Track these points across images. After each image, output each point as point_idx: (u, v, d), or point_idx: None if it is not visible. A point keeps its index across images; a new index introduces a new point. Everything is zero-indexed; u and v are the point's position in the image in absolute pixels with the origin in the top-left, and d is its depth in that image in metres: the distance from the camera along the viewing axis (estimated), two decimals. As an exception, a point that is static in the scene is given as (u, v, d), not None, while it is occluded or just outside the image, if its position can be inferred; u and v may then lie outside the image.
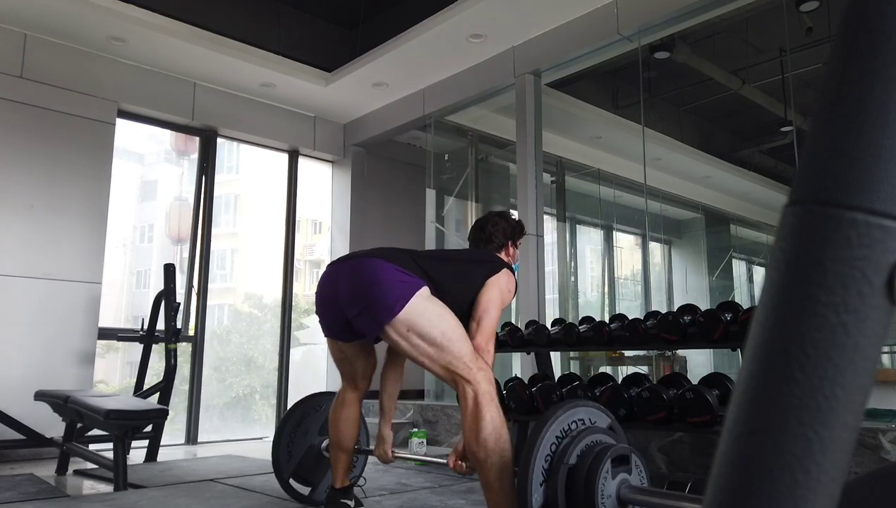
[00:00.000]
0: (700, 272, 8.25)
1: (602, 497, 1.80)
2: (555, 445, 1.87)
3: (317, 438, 2.90)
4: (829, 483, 0.34)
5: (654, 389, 2.97)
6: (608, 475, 1.82)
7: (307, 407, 2.97)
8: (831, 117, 0.35)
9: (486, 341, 2.17)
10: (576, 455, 1.85)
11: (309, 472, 2.89)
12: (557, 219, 6.62)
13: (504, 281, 2.31)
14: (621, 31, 4.42)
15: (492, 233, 2.56)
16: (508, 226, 2.59)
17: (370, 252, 2.19)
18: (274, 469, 2.88)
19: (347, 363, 2.43)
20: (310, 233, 6.87)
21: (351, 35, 6.28)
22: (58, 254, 4.72)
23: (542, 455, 1.84)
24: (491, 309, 2.22)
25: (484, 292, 2.25)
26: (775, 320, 0.35)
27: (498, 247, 2.56)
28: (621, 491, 1.85)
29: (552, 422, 1.88)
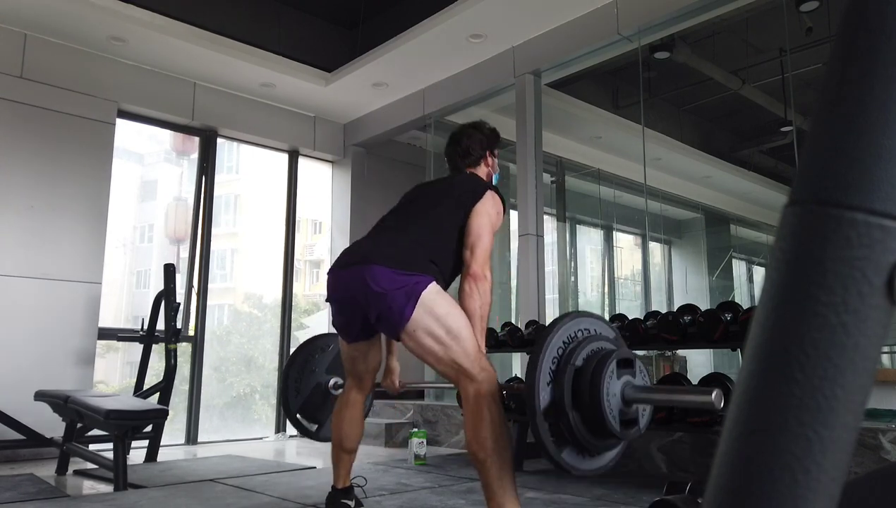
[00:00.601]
0: (700, 272, 8.25)
1: (607, 395, 1.85)
2: (561, 349, 1.93)
3: (324, 377, 2.97)
4: (829, 483, 0.34)
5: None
6: (613, 375, 1.88)
7: (315, 346, 3.02)
8: (831, 117, 0.35)
9: (482, 267, 2.16)
10: (582, 358, 1.91)
11: (316, 409, 2.96)
12: (557, 219, 6.62)
13: (490, 205, 2.26)
14: (621, 31, 4.42)
15: (468, 146, 2.50)
16: (484, 137, 2.53)
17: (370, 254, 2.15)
18: (283, 405, 2.96)
19: (361, 360, 2.41)
20: (310, 233, 6.87)
21: (351, 35, 6.28)
22: (58, 254, 4.72)
23: (549, 358, 1.89)
24: (483, 235, 2.19)
25: (473, 220, 2.21)
26: (775, 320, 0.35)
27: (476, 159, 2.50)
28: (626, 391, 1.90)
29: (559, 328, 1.93)
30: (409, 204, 2.39)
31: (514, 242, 5.21)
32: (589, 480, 3.27)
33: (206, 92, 5.63)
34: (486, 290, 2.14)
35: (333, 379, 2.97)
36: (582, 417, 1.87)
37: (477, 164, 2.50)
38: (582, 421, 1.87)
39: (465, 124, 2.60)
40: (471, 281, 2.14)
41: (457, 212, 2.24)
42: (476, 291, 2.13)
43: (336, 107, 6.17)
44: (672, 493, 2.11)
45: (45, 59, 4.82)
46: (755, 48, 6.14)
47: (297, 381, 2.95)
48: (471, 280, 2.14)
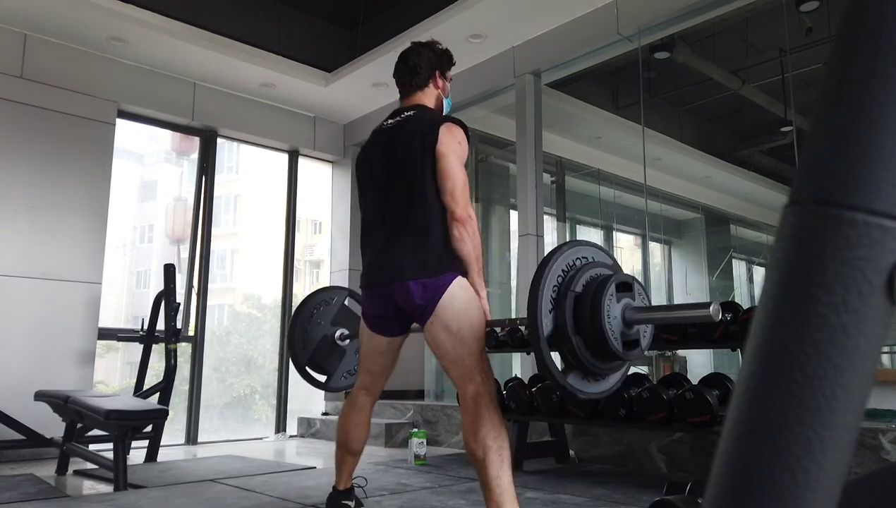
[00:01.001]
0: (700, 272, 8.25)
1: (608, 318, 1.88)
2: (561, 278, 1.95)
3: (330, 328, 3.00)
4: (829, 483, 0.34)
5: (654, 389, 2.97)
6: (613, 298, 1.90)
7: (318, 299, 3.04)
8: (831, 117, 0.35)
9: (465, 207, 2.15)
10: (581, 285, 1.93)
11: (324, 360, 2.97)
12: (557, 219, 6.62)
13: (450, 139, 2.18)
14: (621, 31, 4.42)
15: (417, 64, 2.36)
16: (434, 55, 2.39)
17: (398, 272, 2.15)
18: (291, 359, 2.98)
19: (383, 357, 2.39)
20: (310, 233, 6.87)
21: (351, 35, 6.28)
22: (58, 254, 4.72)
23: (550, 286, 1.92)
24: (455, 175, 2.16)
25: (440, 164, 2.15)
26: (775, 320, 0.35)
27: (424, 79, 2.37)
28: (626, 313, 1.93)
29: (558, 257, 1.96)
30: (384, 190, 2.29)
31: (514, 242, 5.21)
32: (589, 480, 3.27)
33: (206, 92, 5.63)
34: (475, 230, 2.17)
35: (340, 330, 2.98)
36: (585, 341, 1.90)
37: (425, 84, 2.38)
38: (585, 345, 1.90)
39: (416, 42, 2.47)
40: (458, 226, 2.14)
41: (422, 165, 2.17)
42: (465, 233, 2.14)
43: (336, 107, 6.17)
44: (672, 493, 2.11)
45: (45, 59, 4.82)
46: (755, 48, 6.14)
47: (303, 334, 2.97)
48: (458, 225, 2.14)
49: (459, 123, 2.26)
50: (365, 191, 2.40)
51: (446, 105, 2.46)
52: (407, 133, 2.24)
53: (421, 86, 2.38)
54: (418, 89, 2.39)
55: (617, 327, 1.90)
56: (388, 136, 2.31)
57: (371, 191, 2.36)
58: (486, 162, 6.34)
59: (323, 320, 2.99)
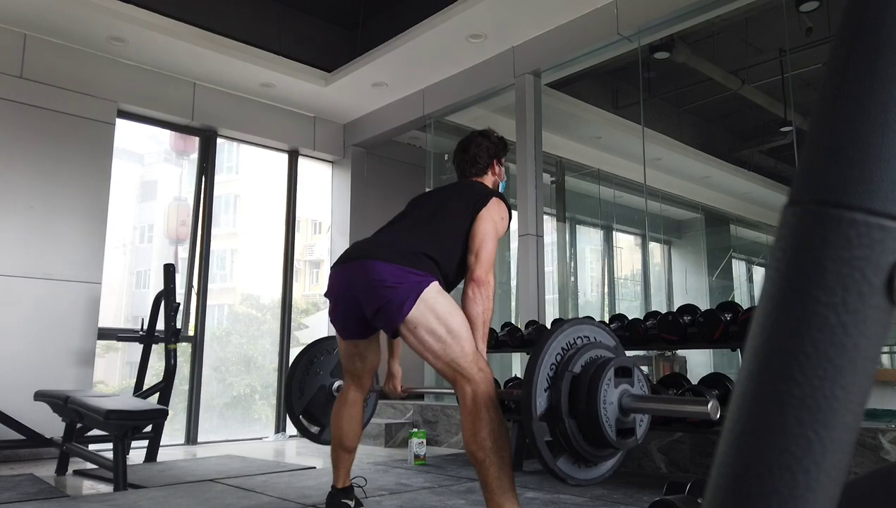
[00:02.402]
0: (700, 272, 8.25)
1: (604, 403, 1.85)
2: (560, 355, 1.92)
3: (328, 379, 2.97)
4: (829, 483, 0.34)
5: (653, 389, 2.97)
6: (610, 383, 1.87)
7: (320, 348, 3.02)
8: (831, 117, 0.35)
9: (486, 272, 2.17)
10: (580, 365, 1.90)
11: (319, 411, 2.96)
12: (557, 219, 6.62)
13: (495, 211, 2.28)
14: (621, 31, 4.42)
15: (476, 154, 2.52)
16: (491, 145, 2.55)
17: (371, 250, 2.17)
18: (286, 406, 2.96)
19: (359, 358, 2.42)
20: (310, 233, 6.87)
21: (351, 35, 6.28)
22: (58, 254, 4.72)
23: (548, 364, 1.89)
24: (487, 241, 2.21)
25: (478, 226, 2.23)
26: (775, 320, 0.35)
27: (483, 167, 2.52)
28: (623, 400, 1.89)
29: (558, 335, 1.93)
30: (415, 208, 2.41)
31: (514, 242, 5.21)
32: (589, 480, 3.27)
33: (206, 92, 5.63)
34: (489, 296, 2.16)
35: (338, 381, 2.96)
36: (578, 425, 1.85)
37: (484, 173, 2.53)
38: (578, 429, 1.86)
39: (473, 132, 2.62)
40: (474, 287, 2.15)
41: (462, 216, 2.26)
42: (479, 296, 2.14)
43: (336, 107, 6.17)
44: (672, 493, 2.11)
45: (45, 59, 4.82)
46: (755, 48, 6.14)
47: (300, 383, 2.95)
48: (474, 285, 2.15)
49: (508, 205, 2.38)
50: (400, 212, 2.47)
51: (501, 187, 2.59)
52: (462, 189, 2.41)
53: (480, 175, 2.53)
54: (477, 176, 2.53)
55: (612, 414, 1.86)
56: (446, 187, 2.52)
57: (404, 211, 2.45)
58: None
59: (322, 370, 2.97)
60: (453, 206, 2.31)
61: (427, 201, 2.43)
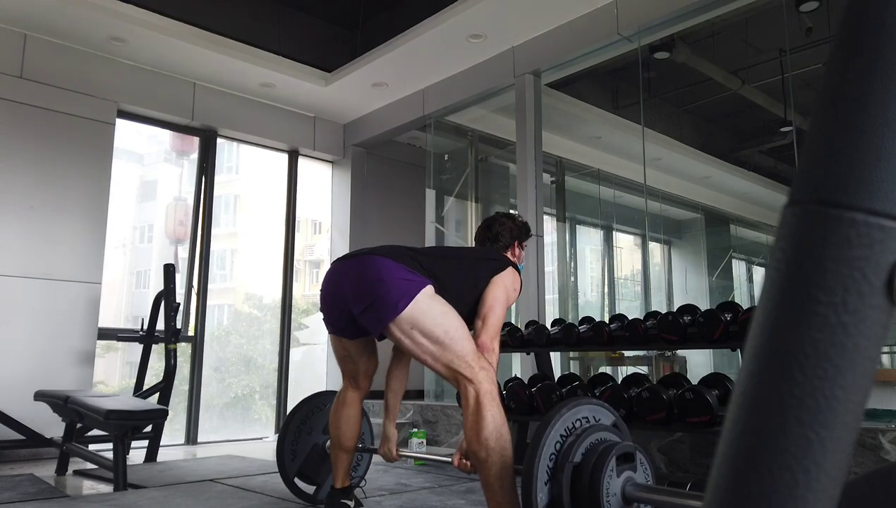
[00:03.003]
0: (700, 272, 8.25)
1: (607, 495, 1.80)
2: (559, 444, 1.87)
3: (321, 437, 2.91)
4: (829, 483, 0.34)
5: (654, 389, 2.97)
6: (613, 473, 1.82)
7: (311, 405, 2.97)
8: (831, 117, 0.35)
9: (492, 339, 2.17)
10: (580, 454, 1.84)
11: (313, 471, 2.90)
12: (557, 220, 6.62)
13: (510, 280, 2.31)
14: (621, 31, 4.42)
15: (499, 232, 2.59)
16: (515, 227, 2.62)
17: (374, 250, 2.18)
18: (279, 469, 2.89)
19: (350, 361, 2.43)
20: (310, 233, 6.87)
21: (351, 35, 6.28)
22: (58, 254, 4.72)
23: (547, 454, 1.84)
24: (497, 307, 2.22)
25: (489, 290, 2.25)
26: (775, 320, 0.35)
27: (504, 247, 2.58)
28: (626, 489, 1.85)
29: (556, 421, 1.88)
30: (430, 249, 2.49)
31: (513, 242, 5.20)
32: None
33: (206, 92, 5.63)
34: (494, 363, 2.14)
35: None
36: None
37: (504, 252, 2.58)
38: None
39: (499, 212, 2.73)
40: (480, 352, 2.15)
41: (478, 271, 2.28)
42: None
43: (336, 107, 6.17)
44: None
45: (45, 59, 4.82)
46: (755, 48, 6.14)
47: (293, 444, 2.90)
48: (479, 350, 2.14)
49: (521, 281, 2.42)
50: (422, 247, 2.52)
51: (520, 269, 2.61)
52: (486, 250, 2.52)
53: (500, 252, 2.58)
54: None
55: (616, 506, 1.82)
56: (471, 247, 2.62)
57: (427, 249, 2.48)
58: (485, 162, 6.34)
59: (314, 428, 2.93)
60: (473, 259, 2.36)
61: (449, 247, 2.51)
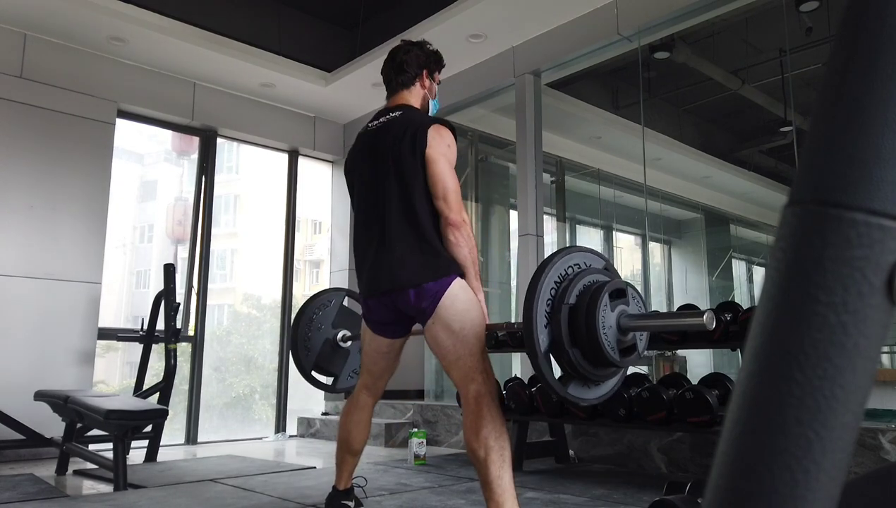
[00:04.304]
0: (700, 272, 8.24)
1: (603, 328, 1.88)
2: (554, 289, 1.95)
3: (331, 331, 3.01)
4: (829, 483, 0.34)
5: (654, 389, 2.97)
6: (607, 307, 1.91)
7: (316, 303, 3.06)
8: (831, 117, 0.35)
9: (458, 212, 2.13)
10: (574, 296, 1.93)
11: (329, 363, 2.99)
12: (557, 219, 6.62)
13: (439, 142, 2.15)
14: (621, 31, 4.42)
15: (403, 61, 2.37)
16: (422, 53, 2.40)
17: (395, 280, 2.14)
18: (296, 365, 2.99)
19: (384, 359, 2.39)
20: (310, 233, 6.87)
21: (351, 35, 6.28)
22: (58, 254, 4.72)
23: (544, 300, 1.92)
24: (447, 179, 2.13)
25: (431, 168, 2.13)
26: (775, 320, 0.35)
27: (411, 77, 2.37)
28: (621, 321, 1.93)
29: (549, 269, 1.95)
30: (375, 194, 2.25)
31: (514, 242, 5.21)
32: (589, 480, 3.27)
33: (206, 92, 5.63)
34: (469, 234, 2.15)
35: (341, 331, 3.01)
36: (582, 352, 1.91)
37: (411, 83, 2.38)
38: (582, 356, 1.91)
39: (405, 40, 2.49)
40: (453, 231, 2.13)
41: (417, 174, 2.16)
42: (461, 238, 2.13)
43: (336, 107, 6.17)
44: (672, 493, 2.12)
45: (45, 59, 4.82)
46: (755, 48, 6.14)
47: (305, 340, 2.98)
48: (453, 229, 2.13)
49: (447, 125, 2.24)
50: (355, 196, 2.38)
51: (433, 106, 2.44)
52: (394, 136, 2.21)
53: (407, 85, 2.38)
54: (404, 88, 2.38)
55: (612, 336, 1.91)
56: (374, 140, 2.29)
57: (361, 196, 2.33)
58: (485, 162, 6.34)
59: (323, 324, 3.00)
60: (399, 165, 2.17)
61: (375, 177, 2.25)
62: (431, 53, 2.44)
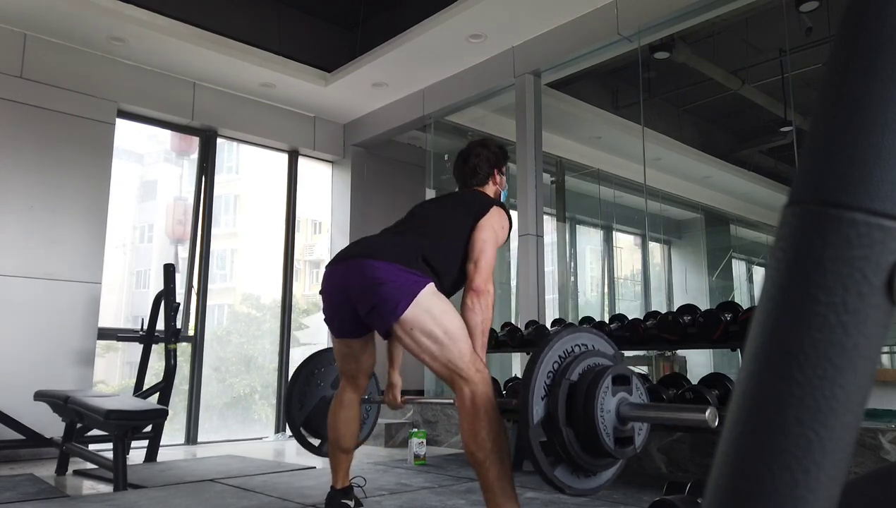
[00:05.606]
0: (700, 272, 8.25)
1: (602, 411, 1.83)
2: (557, 363, 1.91)
3: (329, 391, 2.94)
4: (829, 483, 0.34)
5: (654, 389, 2.97)
6: (608, 391, 1.86)
7: (322, 359, 3.00)
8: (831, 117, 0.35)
9: (486, 282, 2.16)
10: (577, 373, 1.89)
11: (320, 424, 2.93)
12: (557, 219, 6.62)
13: (496, 220, 2.28)
14: (621, 31, 4.42)
15: (476, 164, 2.51)
16: (491, 155, 2.54)
17: (368, 249, 2.16)
18: (286, 418, 2.94)
19: (353, 359, 2.41)
20: (310, 233, 6.87)
21: (351, 35, 6.28)
22: (58, 254, 4.72)
23: (545, 372, 1.88)
24: (487, 249, 2.20)
25: (477, 233, 2.23)
26: (775, 320, 0.35)
27: (484, 177, 2.51)
28: (621, 408, 1.88)
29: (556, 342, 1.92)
30: (416, 214, 2.42)
31: (514, 242, 5.21)
32: (589, 480, 3.27)
33: (206, 92, 5.63)
34: (489, 305, 2.15)
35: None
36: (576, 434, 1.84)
37: (485, 182, 2.52)
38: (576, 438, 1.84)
39: (472, 142, 2.62)
40: (473, 296, 2.14)
41: (462, 224, 2.25)
42: (478, 305, 2.13)
43: (336, 107, 6.17)
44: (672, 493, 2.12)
45: (45, 59, 4.82)
46: (755, 48, 6.14)
47: (301, 395, 2.91)
48: (473, 294, 2.15)
49: (508, 214, 2.37)
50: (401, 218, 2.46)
51: (503, 196, 2.58)
52: (464, 197, 2.42)
53: (481, 184, 2.53)
54: (479, 187, 2.53)
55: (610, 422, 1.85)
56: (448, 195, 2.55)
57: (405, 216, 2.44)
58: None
59: (323, 382, 2.94)
60: (453, 213, 2.31)
61: (428, 208, 2.43)
62: (499, 151, 2.59)
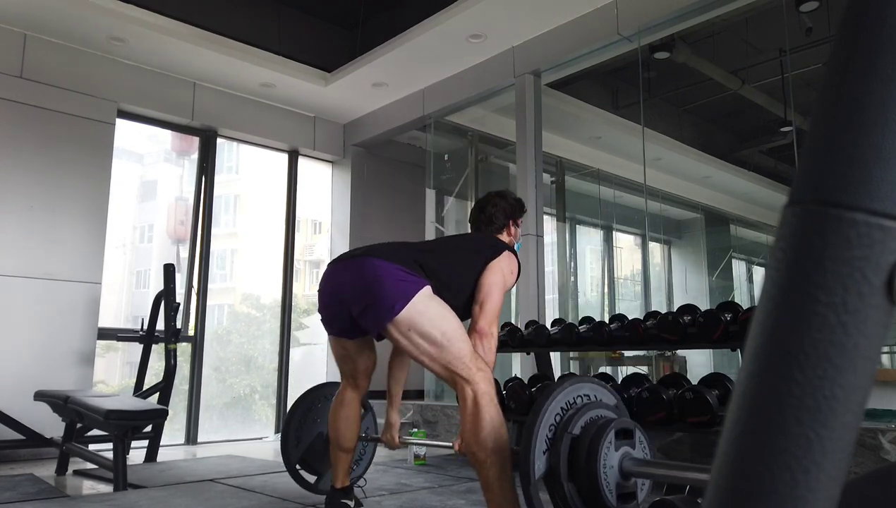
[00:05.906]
0: (700, 272, 8.25)
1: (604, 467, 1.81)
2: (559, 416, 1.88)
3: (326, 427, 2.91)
4: (829, 483, 0.34)
5: (654, 389, 2.97)
6: (611, 446, 1.83)
7: (319, 394, 2.97)
8: (831, 117, 0.35)
9: (490, 324, 2.18)
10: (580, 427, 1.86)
11: (316, 460, 2.90)
12: (557, 219, 6.62)
13: (506, 264, 2.31)
14: (621, 31, 4.42)
15: (492, 214, 2.56)
16: (508, 206, 2.59)
17: (370, 250, 2.18)
18: (282, 454, 2.90)
19: (349, 360, 2.42)
20: (310, 233, 6.87)
21: (351, 35, 6.28)
22: (58, 253, 4.72)
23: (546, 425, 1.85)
24: (494, 292, 2.23)
25: (486, 276, 2.25)
26: (775, 320, 0.35)
27: (499, 227, 2.56)
28: (624, 463, 1.86)
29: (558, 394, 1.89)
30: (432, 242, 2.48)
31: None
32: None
33: (206, 92, 5.63)
34: (492, 348, 2.16)
35: None
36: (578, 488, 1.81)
37: (500, 232, 2.56)
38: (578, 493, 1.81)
39: (490, 192, 2.68)
40: (477, 338, 2.16)
41: (474, 260, 2.28)
42: (480, 348, 2.14)
43: (336, 107, 6.17)
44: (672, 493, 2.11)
45: (45, 59, 4.82)
46: (755, 48, 6.14)
47: (297, 431, 2.88)
48: (476, 336, 2.16)
49: (519, 262, 2.40)
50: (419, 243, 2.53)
51: (516, 247, 2.61)
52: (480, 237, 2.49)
53: (496, 234, 2.57)
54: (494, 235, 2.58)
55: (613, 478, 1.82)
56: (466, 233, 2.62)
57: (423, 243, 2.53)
58: (486, 162, 6.34)
59: (320, 418, 2.91)
60: (467, 244, 2.39)
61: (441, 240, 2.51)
62: (515, 203, 2.64)
